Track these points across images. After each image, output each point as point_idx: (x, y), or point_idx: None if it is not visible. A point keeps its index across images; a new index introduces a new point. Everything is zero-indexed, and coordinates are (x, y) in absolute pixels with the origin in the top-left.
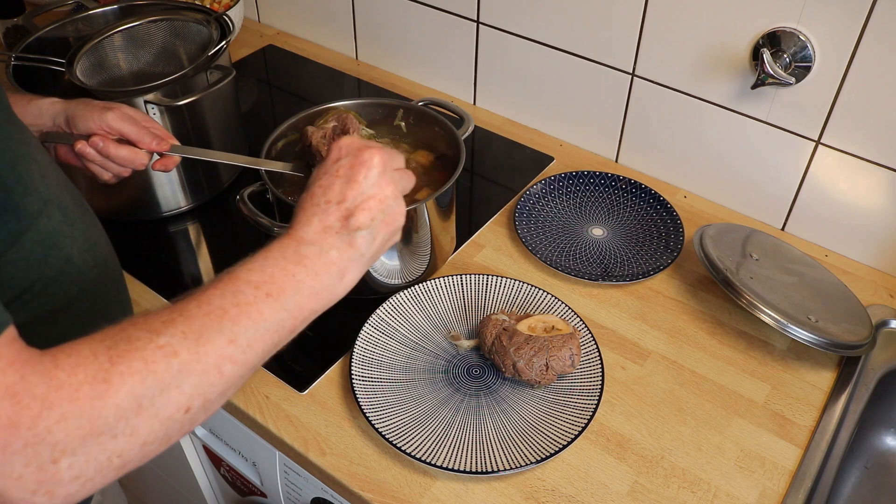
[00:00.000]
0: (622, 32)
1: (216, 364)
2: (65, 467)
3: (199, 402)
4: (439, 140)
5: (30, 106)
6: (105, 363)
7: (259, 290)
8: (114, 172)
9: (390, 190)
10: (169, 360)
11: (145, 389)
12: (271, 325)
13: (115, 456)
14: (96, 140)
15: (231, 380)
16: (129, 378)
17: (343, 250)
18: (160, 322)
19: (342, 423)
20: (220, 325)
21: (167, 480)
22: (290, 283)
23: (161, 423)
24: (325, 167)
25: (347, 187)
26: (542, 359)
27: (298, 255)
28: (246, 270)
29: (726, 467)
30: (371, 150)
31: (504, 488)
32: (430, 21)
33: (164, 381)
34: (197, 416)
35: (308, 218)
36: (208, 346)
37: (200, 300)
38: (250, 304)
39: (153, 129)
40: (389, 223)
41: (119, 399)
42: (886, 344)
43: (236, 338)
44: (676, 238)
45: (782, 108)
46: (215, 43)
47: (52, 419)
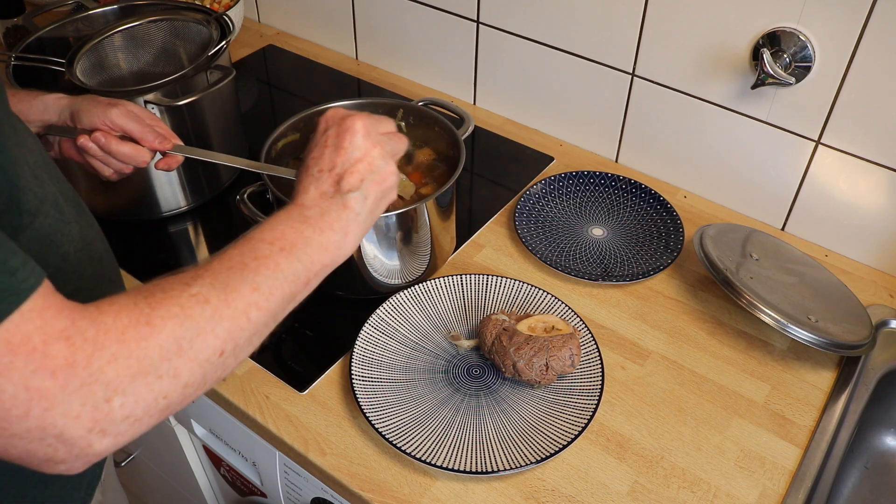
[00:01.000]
0: (622, 32)
1: (244, 310)
2: (117, 406)
3: (231, 345)
4: (439, 140)
5: (36, 101)
6: (146, 308)
7: (273, 246)
8: (115, 169)
9: (377, 151)
10: (202, 306)
11: (184, 332)
12: (288, 275)
13: (161, 397)
14: (98, 135)
15: (257, 325)
16: (170, 321)
17: (339, 212)
18: (189, 276)
19: (342, 423)
20: (242, 276)
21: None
22: (300, 239)
23: (199, 364)
24: (314, 140)
25: (335, 154)
26: (542, 359)
27: (303, 217)
28: (259, 231)
29: (726, 467)
30: (353, 116)
31: (504, 488)
32: (430, 21)
33: (199, 324)
34: (228, 360)
35: (305, 187)
36: (235, 293)
37: (222, 258)
38: (267, 258)
39: (157, 128)
40: (380, 182)
41: (162, 340)
42: (886, 344)
43: (259, 286)
44: (676, 238)
45: (782, 108)
46: (215, 43)
47: (104, 359)
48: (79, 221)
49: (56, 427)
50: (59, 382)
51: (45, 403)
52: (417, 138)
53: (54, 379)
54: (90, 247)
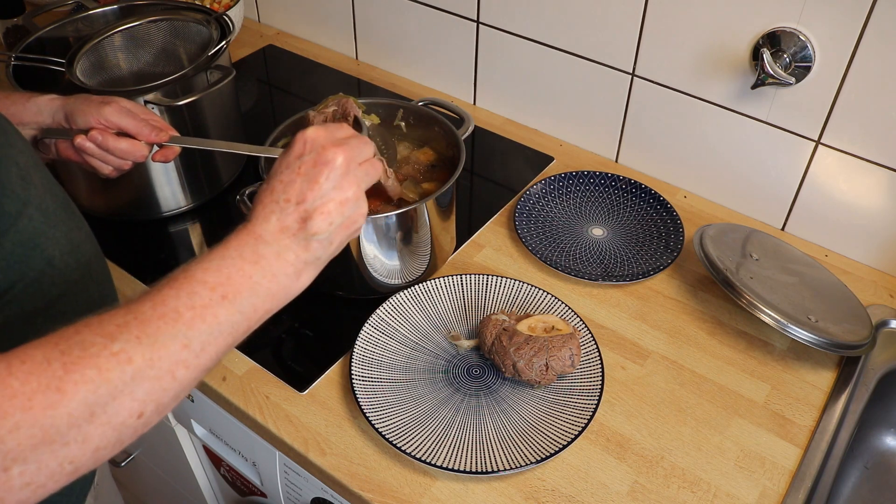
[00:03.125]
0: (622, 32)
1: (170, 369)
2: (16, 475)
3: (152, 406)
4: (439, 140)
5: (29, 103)
6: (59, 370)
7: (215, 293)
8: (114, 166)
9: (352, 191)
10: (123, 367)
11: (98, 397)
12: (225, 328)
13: (67, 462)
14: (95, 134)
15: (184, 383)
16: (83, 387)
17: (299, 253)
18: (114, 325)
19: (342, 423)
20: (174, 330)
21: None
22: (246, 285)
23: (114, 428)
24: (287, 160)
25: (308, 187)
26: (542, 359)
27: (256, 255)
28: (202, 270)
29: (726, 467)
30: (335, 149)
31: (504, 488)
32: (430, 21)
33: (117, 388)
34: (150, 419)
35: (266, 214)
36: (162, 351)
37: (155, 301)
38: (206, 308)
39: (152, 121)
40: (348, 226)
41: (72, 408)
42: (886, 344)
43: (190, 342)
44: (676, 238)
45: (782, 108)
46: (215, 43)
47: (5, 429)
48: (66, 224)
49: None
50: None
51: None
52: (417, 138)
53: None
54: (77, 250)
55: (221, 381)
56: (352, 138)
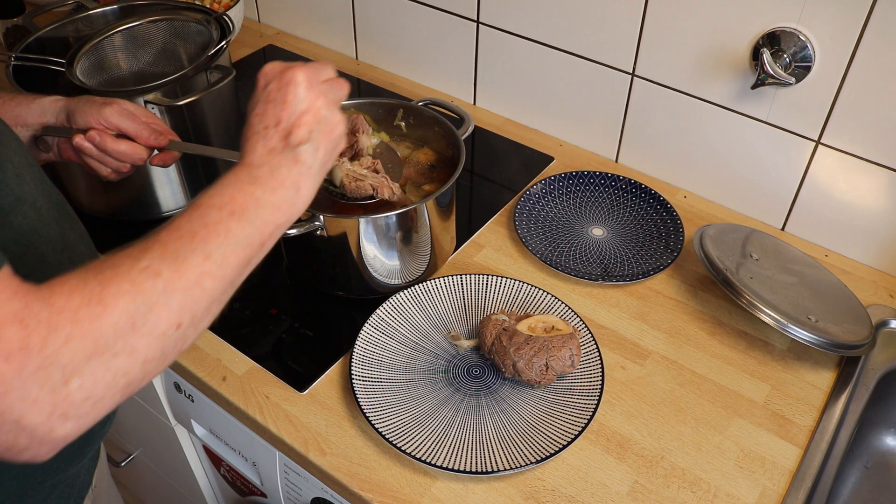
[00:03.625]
0: (622, 32)
1: (197, 280)
2: (75, 388)
3: (187, 317)
4: (439, 140)
5: (34, 105)
6: (96, 287)
7: (223, 211)
8: (112, 167)
9: (321, 101)
10: (153, 279)
11: (137, 307)
12: (241, 240)
13: (120, 374)
14: (93, 134)
15: (213, 294)
16: (121, 298)
17: (290, 167)
18: (137, 250)
19: (342, 423)
20: (192, 245)
21: (167, 480)
22: (250, 201)
23: (156, 339)
24: (255, 96)
25: (279, 109)
26: (542, 359)
27: (252, 177)
28: (207, 197)
29: (726, 467)
30: (293, 68)
31: (504, 488)
32: (429, 21)
33: (152, 299)
34: (188, 332)
35: (252, 146)
36: (186, 263)
37: (170, 228)
38: (217, 224)
39: (152, 125)
40: (329, 132)
41: (115, 318)
42: (886, 344)
43: (210, 254)
44: (676, 238)
45: (782, 108)
46: (215, 43)
47: (59, 341)
48: (60, 224)
49: (14, 412)
50: (13, 367)
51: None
52: (417, 138)
53: (8, 363)
54: (72, 249)
55: (221, 381)
56: (308, 62)
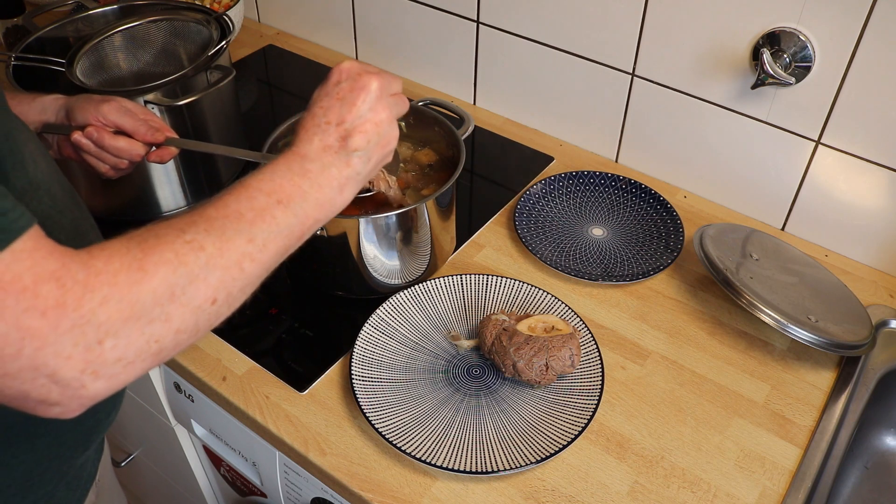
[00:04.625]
0: (622, 32)
1: (237, 260)
2: (108, 348)
3: (223, 294)
4: (439, 140)
5: (34, 103)
6: (138, 254)
7: (271, 198)
8: (110, 164)
9: (385, 114)
10: (197, 253)
11: (177, 278)
12: (283, 228)
13: (153, 341)
14: (91, 130)
15: (250, 277)
16: (163, 267)
17: (341, 168)
18: (184, 222)
19: (342, 423)
20: (238, 227)
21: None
22: (297, 193)
23: (192, 311)
24: (325, 89)
25: (346, 110)
26: (542, 359)
27: (303, 170)
28: (257, 181)
29: (726, 467)
30: (370, 75)
31: (504, 488)
32: (430, 21)
33: (192, 272)
34: (221, 309)
35: (309, 136)
36: (230, 243)
37: (218, 205)
38: (264, 210)
39: (150, 122)
40: (384, 146)
41: (154, 285)
42: (886, 344)
43: (254, 238)
44: (676, 238)
45: (782, 108)
46: (215, 43)
47: (96, 301)
48: (73, 212)
49: (48, 367)
50: (49, 322)
51: (36, 343)
52: (418, 138)
53: (45, 318)
54: (84, 238)
55: (221, 381)
56: (382, 71)
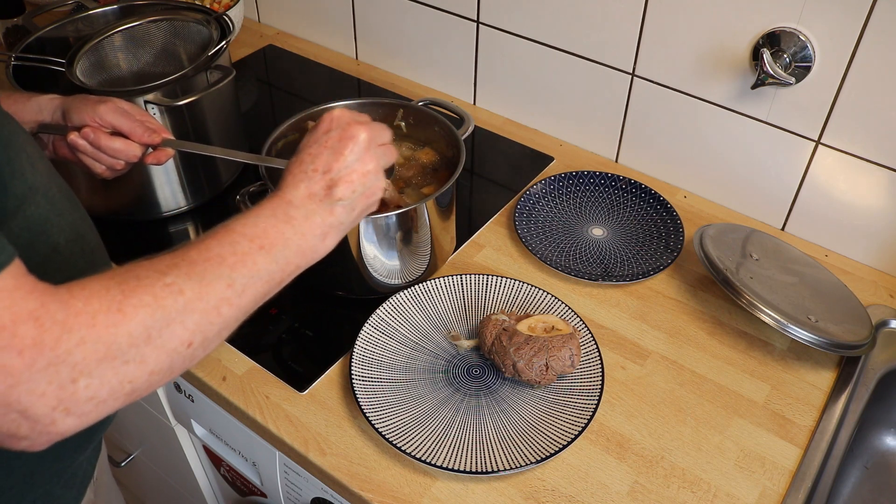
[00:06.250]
0: (622, 32)
1: (216, 305)
2: (82, 387)
3: (199, 338)
4: (439, 140)
5: (30, 102)
6: (118, 295)
7: (253, 243)
8: (106, 165)
9: (372, 165)
10: (175, 297)
11: (154, 321)
12: (263, 274)
13: (127, 381)
14: (87, 131)
15: (227, 321)
16: (142, 310)
17: (325, 217)
18: (164, 265)
19: (342, 423)
20: (219, 271)
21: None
22: (280, 239)
23: (167, 354)
24: (315, 135)
25: (333, 159)
26: (542, 359)
27: (287, 216)
28: (241, 225)
29: (726, 467)
30: (359, 125)
31: (504, 488)
32: (430, 21)
33: (170, 315)
34: (197, 351)
35: (296, 182)
36: (209, 288)
37: (200, 248)
38: (246, 255)
39: (146, 123)
40: (368, 196)
41: (132, 327)
42: (886, 344)
43: (234, 283)
44: (676, 238)
45: (782, 108)
46: (215, 43)
47: (73, 342)
48: (71, 214)
49: (21, 403)
50: (25, 361)
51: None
52: (417, 138)
53: (21, 357)
54: (82, 239)
55: (221, 381)
56: (372, 121)
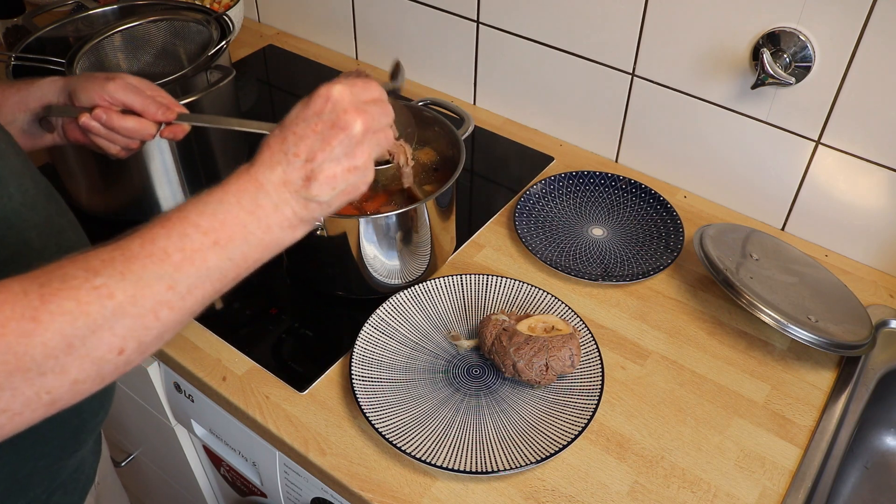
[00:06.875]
0: (622, 32)
1: (153, 309)
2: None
3: (133, 344)
4: (439, 140)
5: (33, 87)
6: (35, 301)
7: (207, 237)
8: (121, 145)
9: (362, 160)
10: (103, 301)
11: (76, 330)
12: (214, 273)
13: (44, 392)
14: (99, 112)
15: (167, 325)
16: (60, 318)
17: (297, 210)
18: (99, 261)
19: (342, 423)
20: (161, 270)
21: (167, 480)
22: (240, 234)
23: (93, 362)
24: (305, 114)
25: (319, 147)
26: (542, 359)
27: (254, 205)
28: (197, 213)
29: (726, 467)
30: (356, 114)
31: (504, 488)
32: (430, 21)
33: (96, 322)
34: (132, 357)
35: (273, 164)
36: (146, 290)
37: (144, 239)
38: (196, 251)
39: (158, 98)
40: (349, 193)
41: (47, 338)
42: (886, 344)
43: (176, 284)
44: (676, 238)
45: (782, 108)
46: (215, 43)
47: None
48: (47, 210)
49: None
50: None
51: None
52: (418, 138)
53: None
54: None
55: (221, 381)
56: (374, 104)
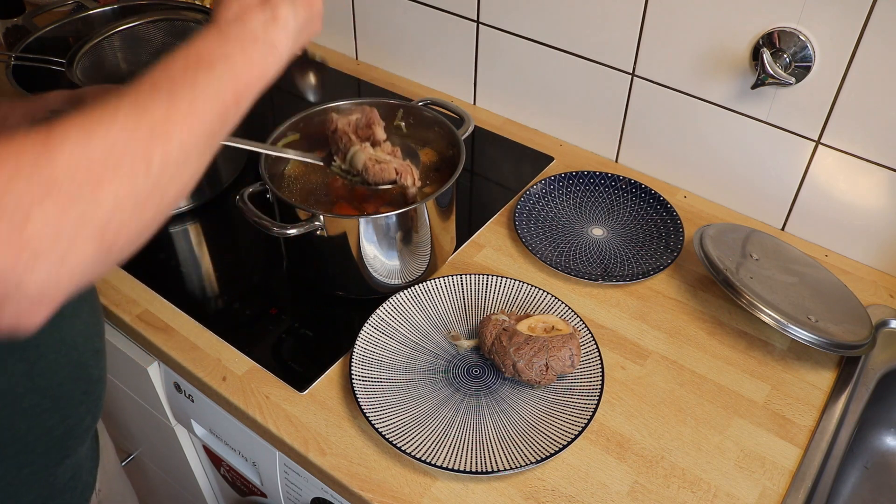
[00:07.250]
0: (622, 32)
1: (163, 121)
2: (39, 223)
3: (159, 158)
4: (439, 140)
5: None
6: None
7: (188, 60)
8: None
9: None
10: None
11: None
12: (210, 92)
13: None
14: None
15: (184, 147)
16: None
17: (267, 24)
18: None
19: (342, 423)
20: (157, 97)
21: (167, 480)
22: (218, 56)
23: (127, 178)
24: None
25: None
26: (542, 359)
27: (222, 35)
28: (170, 58)
29: (726, 467)
30: None
31: (504, 488)
32: (430, 21)
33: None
34: (162, 179)
35: (227, 4)
36: (147, 114)
37: (140, 87)
38: (184, 71)
39: None
40: (308, 4)
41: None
42: (886, 344)
43: (175, 104)
44: (676, 238)
45: (782, 108)
46: None
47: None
48: None
49: None
50: None
51: None
52: (417, 138)
53: None
54: None
55: (221, 381)
56: None
